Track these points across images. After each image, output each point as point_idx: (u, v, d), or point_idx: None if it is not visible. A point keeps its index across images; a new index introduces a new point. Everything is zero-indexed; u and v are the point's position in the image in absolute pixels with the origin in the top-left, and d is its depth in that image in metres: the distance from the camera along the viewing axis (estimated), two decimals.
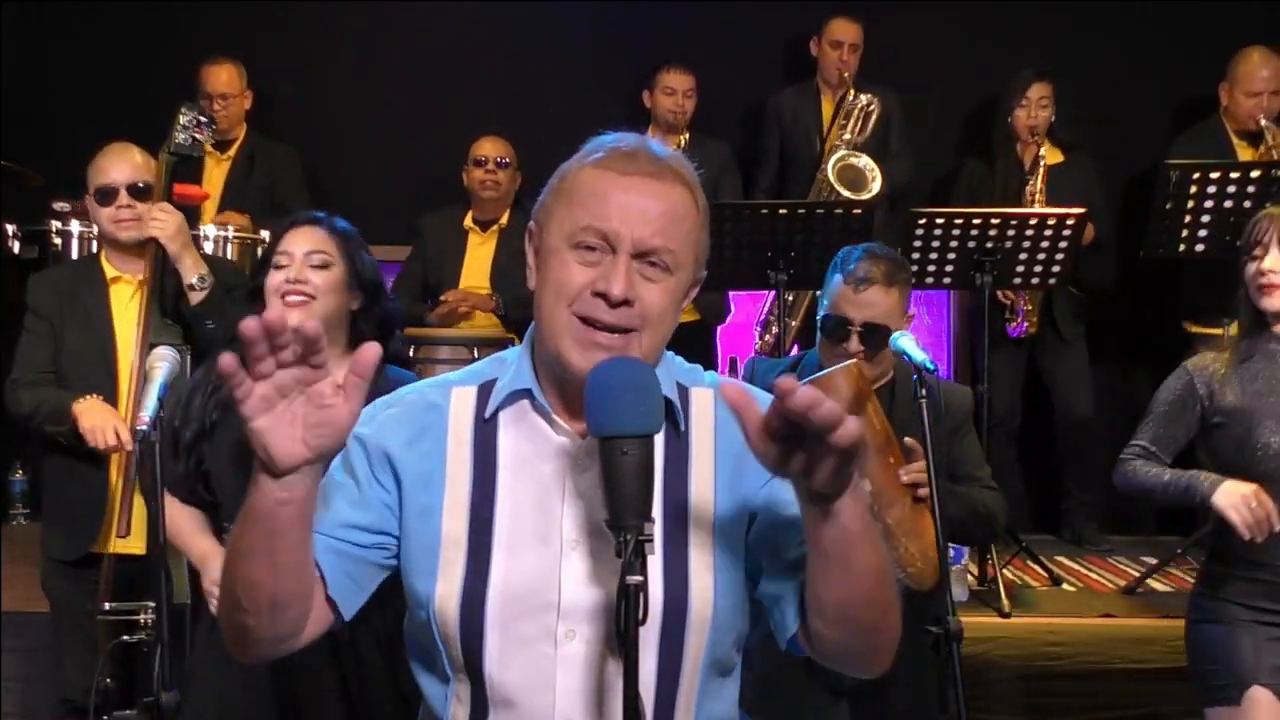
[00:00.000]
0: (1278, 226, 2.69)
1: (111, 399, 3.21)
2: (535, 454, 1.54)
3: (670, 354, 1.62)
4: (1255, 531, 2.55)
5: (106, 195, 3.33)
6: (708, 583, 1.50)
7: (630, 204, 1.49)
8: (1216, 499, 2.57)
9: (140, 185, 3.33)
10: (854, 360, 2.60)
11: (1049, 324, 5.07)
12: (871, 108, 5.09)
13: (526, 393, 1.55)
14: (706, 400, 1.58)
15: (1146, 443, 2.80)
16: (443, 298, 4.87)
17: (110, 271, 3.39)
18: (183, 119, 3.28)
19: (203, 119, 3.33)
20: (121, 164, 3.35)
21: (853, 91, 5.13)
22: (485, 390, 1.58)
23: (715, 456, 1.55)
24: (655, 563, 1.48)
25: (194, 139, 3.30)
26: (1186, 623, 2.85)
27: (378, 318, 2.60)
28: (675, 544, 1.51)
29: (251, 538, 1.39)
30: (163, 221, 3.22)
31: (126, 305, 3.33)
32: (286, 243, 2.55)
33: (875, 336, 2.77)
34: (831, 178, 4.97)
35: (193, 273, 3.21)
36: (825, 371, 2.56)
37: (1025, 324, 5.03)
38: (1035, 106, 4.94)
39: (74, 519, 3.33)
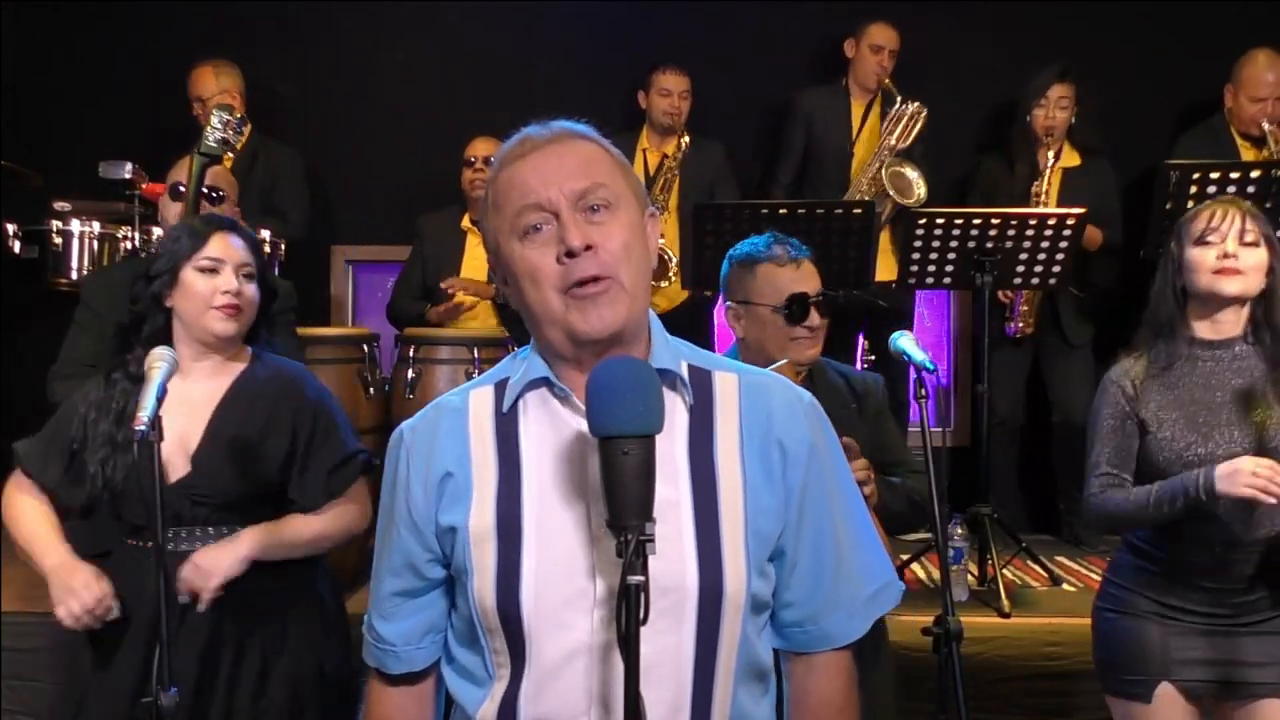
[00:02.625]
0: (1234, 216, 2.65)
1: None
2: (558, 440, 1.55)
3: (671, 336, 1.63)
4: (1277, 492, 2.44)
5: (176, 193, 3.38)
6: (740, 564, 1.52)
7: (545, 170, 1.53)
8: (1221, 486, 2.47)
9: (217, 193, 3.38)
10: (785, 362, 2.64)
11: (1055, 328, 5.06)
12: (920, 116, 5.10)
13: (544, 380, 1.57)
14: (731, 385, 1.60)
15: (1107, 467, 2.68)
16: (444, 285, 4.87)
17: None
18: (215, 120, 3.31)
19: (233, 120, 3.35)
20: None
21: (899, 98, 5.14)
22: (501, 387, 1.61)
23: (741, 439, 1.56)
24: (688, 543, 1.50)
25: (225, 140, 3.32)
26: (1093, 610, 2.79)
27: (266, 316, 2.69)
28: (706, 524, 1.52)
29: None
30: None
31: None
32: (215, 248, 2.56)
33: (827, 304, 2.83)
34: (885, 180, 5.01)
35: None
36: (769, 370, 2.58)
37: (1020, 324, 5.03)
38: (1054, 107, 4.92)
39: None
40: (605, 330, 1.52)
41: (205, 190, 3.33)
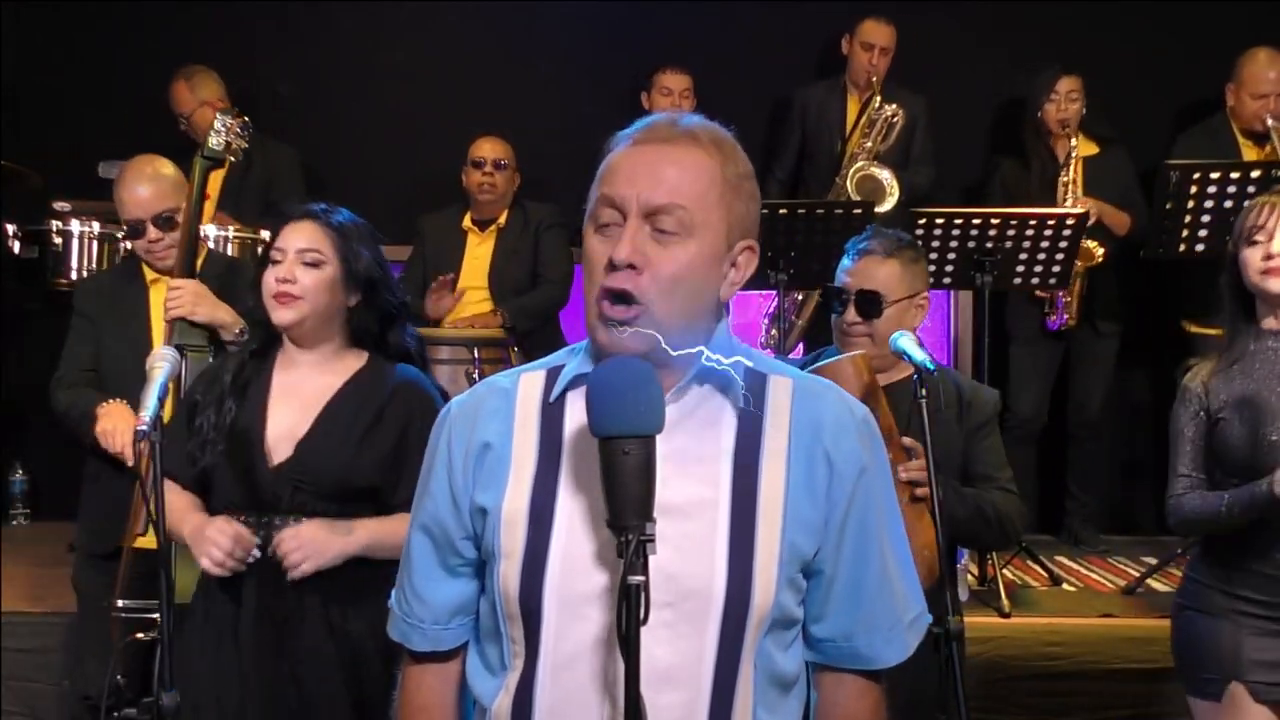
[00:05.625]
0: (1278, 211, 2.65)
1: None
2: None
3: (735, 338, 1.60)
4: None
5: (134, 231, 3.34)
6: (771, 574, 1.49)
7: (639, 168, 1.50)
8: (1277, 489, 2.49)
9: (165, 216, 3.30)
10: (861, 352, 2.62)
11: (1086, 320, 5.03)
12: (896, 119, 5.05)
13: (589, 376, 1.56)
14: (785, 390, 1.57)
15: (1189, 470, 2.71)
16: (449, 324, 4.84)
17: (150, 274, 3.40)
18: (217, 123, 3.31)
19: (236, 123, 3.35)
20: (141, 197, 3.31)
21: (879, 99, 5.11)
22: (553, 375, 1.60)
23: (789, 448, 1.53)
24: (720, 547, 1.48)
25: (228, 143, 3.31)
26: (1173, 606, 2.81)
27: (378, 313, 2.60)
28: (741, 530, 1.49)
29: None
30: (178, 300, 3.15)
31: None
32: (282, 238, 2.55)
33: (869, 304, 2.81)
34: (850, 187, 4.97)
35: (234, 328, 3.17)
36: (833, 360, 2.58)
37: (1065, 316, 4.97)
38: (1065, 100, 4.91)
39: (105, 513, 3.33)
40: (620, 353, 1.49)
41: (160, 216, 3.29)
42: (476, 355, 4.44)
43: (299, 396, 2.52)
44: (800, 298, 4.93)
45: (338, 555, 2.43)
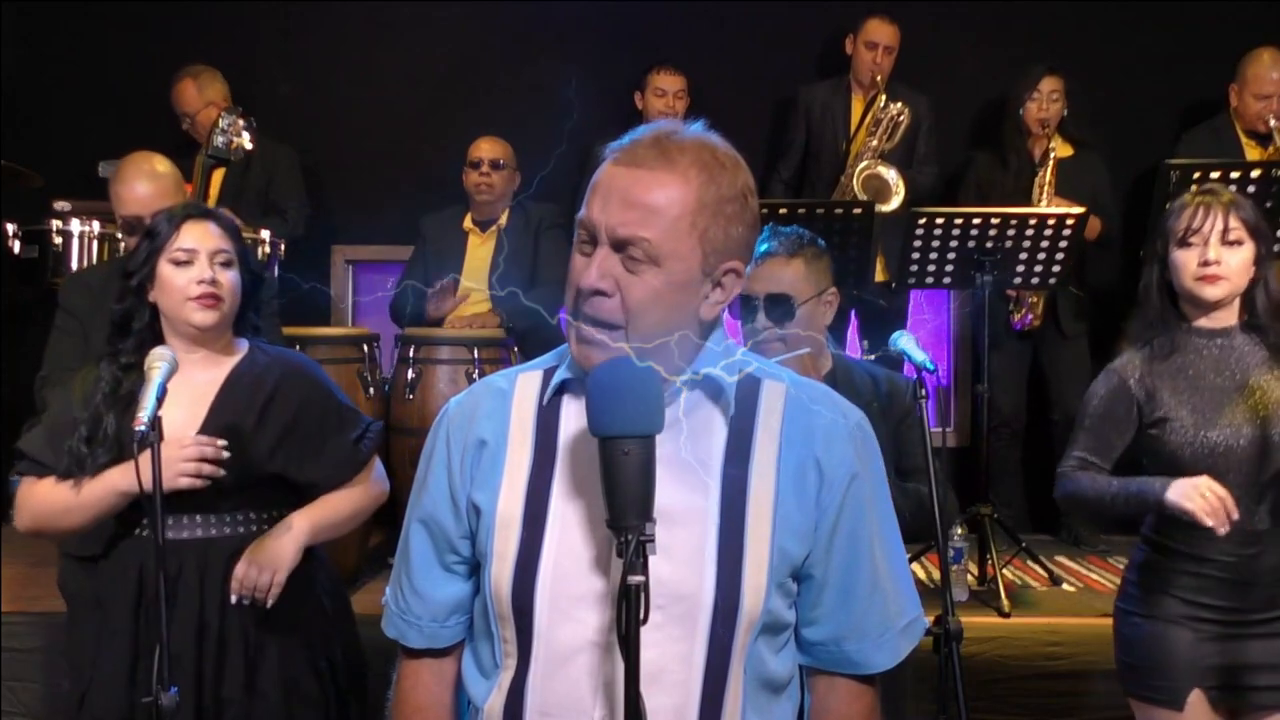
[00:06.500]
0: (1217, 215, 2.59)
1: None
2: (593, 438, 1.53)
3: (731, 342, 1.60)
4: (1216, 519, 2.42)
5: (131, 229, 3.32)
6: (761, 580, 1.50)
7: (614, 193, 1.49)
8: (1170, 495, 2.46)
9: None
10: (805, 350, 2.62)
11: (1052, 320, 5.07)
12: (901, 117, 5.06)
13: (577, 382, 1.56)
14: (778, 396, 1.57)
15: (1084, 454, 2.66)
16: (449, 324, 4.83)
17: None
18: (221, 122, 3.30)
19: (241, 123, 3.34)
20: (140, 194, 3.31)
21: (884, 98, 5.11)
22: (549, 375, 1.61)
23: (779, 454, 1.53)
24: (709, 554, 1.49)
25: (231, 142, 3.31)
26: (1115, 611, 2.75)
27: (254, 303, 2.65)
28: (730, 536, 1.50)
29: None
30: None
31: None
32: (186, 238, 2.53)
33: (779, 308, 2.77)
34: (856, 186, 4.98)
35: None
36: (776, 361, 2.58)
37: (1030, 316, 5.02)
38: (1046, 100, 4.93)
39: None
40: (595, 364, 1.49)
41: None
42: (476, 355, 4.43)
43: (187, 395, 2.50)
44: None
45: (294, 554, 2.46)
